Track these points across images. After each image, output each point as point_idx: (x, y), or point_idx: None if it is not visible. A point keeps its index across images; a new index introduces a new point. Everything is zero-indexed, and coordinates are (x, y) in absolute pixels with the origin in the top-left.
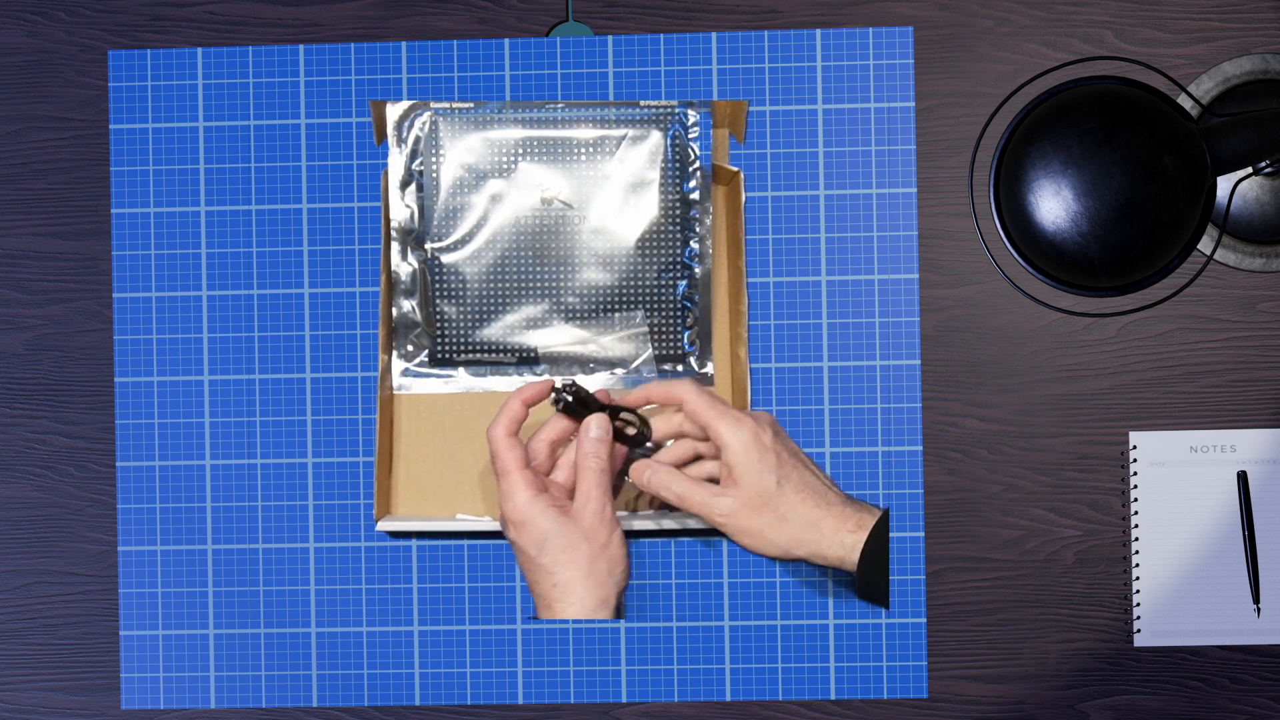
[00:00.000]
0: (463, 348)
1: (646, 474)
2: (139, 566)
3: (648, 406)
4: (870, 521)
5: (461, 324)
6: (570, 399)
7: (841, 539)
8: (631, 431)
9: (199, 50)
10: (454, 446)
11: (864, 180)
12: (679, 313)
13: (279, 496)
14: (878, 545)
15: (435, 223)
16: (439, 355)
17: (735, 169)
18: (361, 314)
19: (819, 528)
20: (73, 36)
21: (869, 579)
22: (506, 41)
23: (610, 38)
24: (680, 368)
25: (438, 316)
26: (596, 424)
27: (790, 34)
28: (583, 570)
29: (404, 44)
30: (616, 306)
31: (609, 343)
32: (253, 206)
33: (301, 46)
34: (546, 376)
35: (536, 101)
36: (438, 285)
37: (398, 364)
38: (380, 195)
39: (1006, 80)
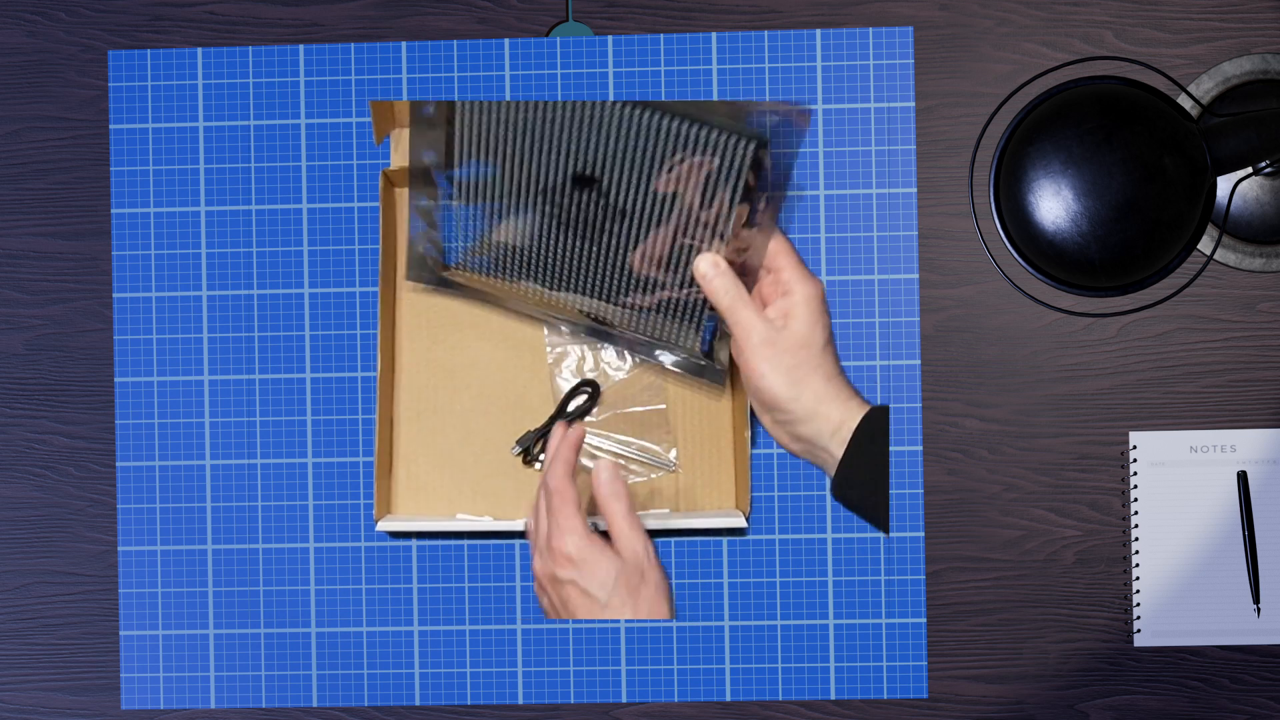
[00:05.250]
0: (474, 248)
1: (710, 271)
2: (139, 566)
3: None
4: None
5: (474, 226)
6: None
7: (850, 407)
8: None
9: (199, 50)
10: (454, 446)
11: (864, 180)
12: (694, 309)
13: (279, 496)
14: (870, 449)
15: (459, 159)
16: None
17: None
18: (362, 314)
19: (839, 389)
20: (73, 36)
21: (845, 478)
22: (506, 41)
23: (610, 38)
24: (702, 363)
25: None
26: (603, 467)
27: (790, 34)
28: (635, 608)
29: (404, 44)
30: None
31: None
32: (253, 206)
33: (301, 46)
34: (577, 424)
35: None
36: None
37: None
38: (380, 195)
39: (1006, 80)
